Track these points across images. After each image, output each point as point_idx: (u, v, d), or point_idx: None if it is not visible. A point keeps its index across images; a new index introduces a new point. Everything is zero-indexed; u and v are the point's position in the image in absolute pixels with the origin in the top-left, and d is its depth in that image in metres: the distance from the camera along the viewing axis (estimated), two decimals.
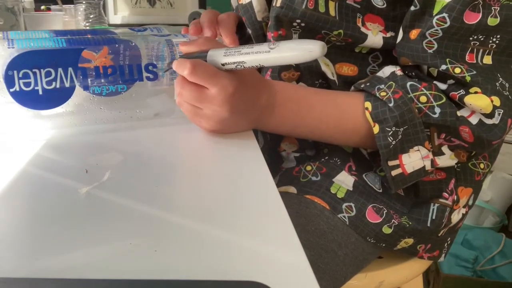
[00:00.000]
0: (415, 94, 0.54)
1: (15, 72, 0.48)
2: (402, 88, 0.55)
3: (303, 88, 0.60)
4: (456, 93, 0.53)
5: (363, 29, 0.59)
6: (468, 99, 0.53)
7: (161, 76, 0.54)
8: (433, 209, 0.63)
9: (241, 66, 0.48)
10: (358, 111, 0.57)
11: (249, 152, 0.50)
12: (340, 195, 0.62)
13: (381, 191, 0.63)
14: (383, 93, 0.55)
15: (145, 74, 0.54)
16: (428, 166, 0.57)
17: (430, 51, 0.54)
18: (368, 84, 0.57)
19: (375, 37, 0.59)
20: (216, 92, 0.49)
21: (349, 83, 0.62)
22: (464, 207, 0.67)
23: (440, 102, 0.54)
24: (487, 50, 0.54)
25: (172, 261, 0.30)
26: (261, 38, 0.68)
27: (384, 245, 0.64)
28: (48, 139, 0.51)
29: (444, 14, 0.52)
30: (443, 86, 0.55)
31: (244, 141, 0.53)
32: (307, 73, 0.64)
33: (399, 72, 0.57)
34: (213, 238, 0.33)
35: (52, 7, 1.48)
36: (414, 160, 0.56)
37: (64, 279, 0.28)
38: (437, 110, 0.54)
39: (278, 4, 0.60)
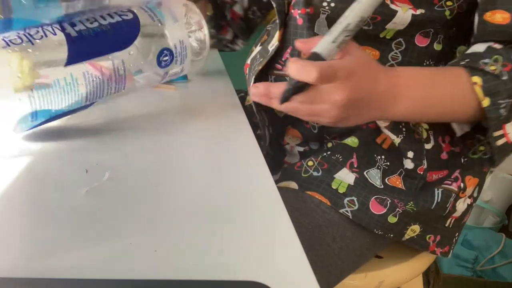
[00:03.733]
0: None
1: None
2: (510, 61, 0.55)
3: (417, 67, 0.60)
4: None
5: (392, 6, 0.59)
6: None
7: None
8: (437, 193, 0.63)
9: (347, 28, 0.47)
10: (468, 85, 0.56)
11: (249, 151, 0.50)
12: (342, 190, 0.62)
13: (382, 187, 0.63)
14: (492, 67, 0.55)
15: None
16: None
17: None
18: (468, 60, 0.57)
19: (404, 14, 0.59)
20: (334, 84, 0.47)
21: None
22: (469, 197, 0.67)
23: None
24: None
25: (172, 261, 0.30)
26: (283, 15, 0.68)
27: (392, 235, 0.64)
28: (48, 139, 0.51)
29: None
30: None
31: (244, 140, 0.53)
32: None
33: (497, 46, 0.57)
34: (213, 238, 0.33)
35: None
36: None
37: (64, 279, 0.28)
38: None
39: None
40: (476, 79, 0.55)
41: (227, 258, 0.31)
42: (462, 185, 0.65)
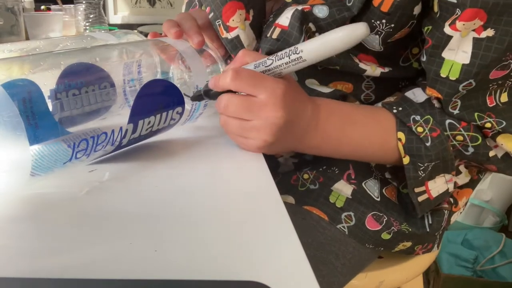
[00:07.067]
0: (452, 132, 0.53)
1: None
2: (440, 125, 0.53)
3: (345, 103, 0.58)
4: (489, 130, 0.53)
5: (361, 65, 0.58)
6: (500, 139, 0.53)
7: None
8: (427, 215, 0.63)
9: (286, 64, 0.45)
10: (394, 137, 0.55)
11: (250, 152, 0.50)
12: (339, 204, 0.61)
13: (379, 199, 0.62)
14: (419, 129, 0.53)
15: None
16: (451, 188, 0.58)
17: (456, 111, 0.53)
18: (400, 109, 0.55)
19: (374, 71, 0.58)
20: (266, 97, 0.45)
21: (345, 97, 0.61)
22: (463, 205, 0.67)
23: (476, 144, 0.53)
24: (504, 89, 0.53)
25: (172, 261, 0.30)
26: None
27: (382, 248, 0.64)
28: None
29: (471, 80, 0.50)
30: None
31: None
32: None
33: (436, 102, 0.55)
34: (213, 238, 0.33)
35: (52, 7, 1.48)
36: (439, 185, 0.57)
37: (64, 279, 0.28)
38: (471, 149, 0.53)
39: (275, 36, 0.57)
40: (401, 135, 0.54)
41: (227, 258, 0.31)
42: (452, 200, 0.64)
